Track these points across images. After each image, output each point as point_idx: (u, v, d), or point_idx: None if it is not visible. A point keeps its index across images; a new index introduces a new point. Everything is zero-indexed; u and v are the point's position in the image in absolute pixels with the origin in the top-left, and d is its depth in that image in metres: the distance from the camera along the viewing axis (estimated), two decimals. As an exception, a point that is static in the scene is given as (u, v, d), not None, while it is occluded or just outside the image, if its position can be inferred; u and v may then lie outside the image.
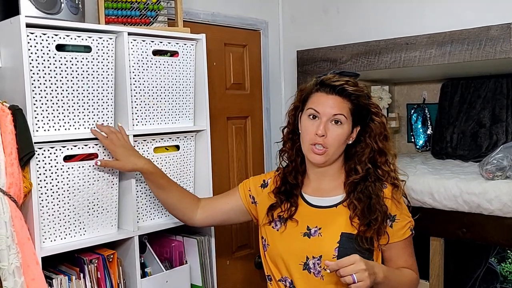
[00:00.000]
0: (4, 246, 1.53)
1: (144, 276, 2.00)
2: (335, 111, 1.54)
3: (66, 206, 1.79)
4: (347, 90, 1.55)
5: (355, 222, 1.53)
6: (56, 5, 1.76)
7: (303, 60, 2.99)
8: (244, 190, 1.78)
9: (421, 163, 2.72)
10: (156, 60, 2.03)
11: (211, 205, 1.82)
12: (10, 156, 1.57)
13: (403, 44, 2.57)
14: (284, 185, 1.66)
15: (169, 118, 2.10)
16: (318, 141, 1.54)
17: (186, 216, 1.83)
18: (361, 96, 1.57)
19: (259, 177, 1.80)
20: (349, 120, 1.56)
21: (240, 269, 3.02)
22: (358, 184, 1.57)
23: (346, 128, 1.56)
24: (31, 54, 1.66)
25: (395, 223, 1.56)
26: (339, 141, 1.55)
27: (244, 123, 3.10)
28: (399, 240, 1.57)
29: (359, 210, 1.53)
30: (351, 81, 1.58)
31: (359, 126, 1.60)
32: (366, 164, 1.57)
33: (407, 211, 1.61)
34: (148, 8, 2.11)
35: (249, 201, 1.75)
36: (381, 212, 1.52)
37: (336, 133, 1.54)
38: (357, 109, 1.57)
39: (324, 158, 1.56)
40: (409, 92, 3.30)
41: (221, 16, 2.88)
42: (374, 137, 1.59)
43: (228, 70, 2.97)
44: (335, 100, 1.55)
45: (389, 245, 1.56)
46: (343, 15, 3.03)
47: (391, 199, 1.55)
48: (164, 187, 1.81)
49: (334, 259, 1.49)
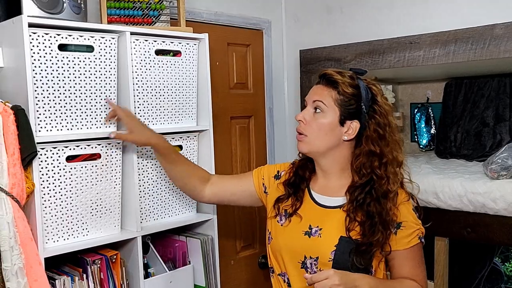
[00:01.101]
0: (7, 247, 1.52)
1: (147, 277, 2.00)
2: (316, 97, 1.51)
3: (69, 206, 1.78)
4: (332, 78, 1.50)
5: (355, 231, 1.47)
6: (58, 4, 1.75)
7: (306, 59, 2.98)
8: (258, 177, 1.74)
9: (425, 163, 2.71)
10: (158, 60, 2.02)
11: (221, 183, 1.79)
12: (13, 157, 1.56)
13: (407, 43, 2.56)
14: (295, 177, 1.64)
15: (171, 118, 2.09)
16: (298, 128, 1.53)
17: (195, 191, 1.78)
18: (344, 84, 1.48)
19: (273, 167, 1.75)
20: (331, 109, 1.49)
21: (244, 269, 3.01)
22: (360, 193, 1.48)
23: (329, 118, 1.49)
24: (33, 54, 1.66)
25: (400, 230, 1.49)
26: (319, 129, 1.50)
27: (247, 122, 3.09)
28: (403, 249, 1.49)
29: (357, 223, 1.46)
30: (345, 73, 1.52)
31: (357, 121, 1.51)
32: (365, 169, 1.49)
33: (415, 218, 1.52)
34: (151, 8, 2.10)
35: (261, 189, 1.72)
36: (384, 233, 1.44)
37: (316, 121, 1.50)
38: (345, 100, 1.49)
39: (305, 147, 1.53)
40: (413, 91, 3.29)
41: (224, 16, 2.87)
42: (370, 138, 1.50)
43: (231, 70, 2.96)
44: (320, 88, 1.53)
45: (392, 254, 1.49)
46: (347, 14, 3.01)
47: (397, 207, 1.48)
48: (176, 162, 1.78)
49: (330, 262, 1.45)
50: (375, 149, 1.49)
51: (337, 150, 1.54)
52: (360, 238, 1.45)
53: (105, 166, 1.87)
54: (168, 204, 2.11)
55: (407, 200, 1.52)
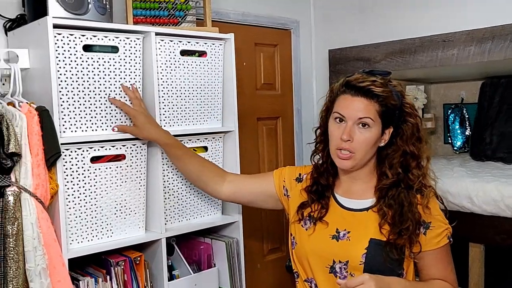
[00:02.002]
0: (31, 248, 1.53)
1: (171, 279, 1.98)
2: (361, 114, 1.45)
3: (93, 207, 1.78)
4: (373, 91, 1.46)
5: (385, 229, 1.45)
6: (83, 5, 1.75)
7: (335, 59, 2.92)
8: (279, 179, 1.71)
9: (458, 166, 2.62)
10: (184, 60, 2.00)
11: (240, 182, 1.77)
12: (37, 157, 1.57)
13: (439, 41, 2.48)
14: (316, 185, 1.61)
15: (197, 119, 2.07)
16: (343, 146, 1.46)
17: (210, 188, 1.78)
18: (388, 97, 1.47)
19: (295, 169, 1.72)
20: (377, 122, 1.47)
21: (271, 273, 2.98)
22: (389, 190, 1.48)
23: (374, 131, 1.47)
24: (58, 55, 1.66)
25: (430, 230, 1.47)
26: (366, 145, 1.47)
27: (274, 124, 3.05)
28: (433, 249, 1.47)
29: (389, 217, 1.45)
30: (378, 80, 1.48)
31: (391, 127, 1.51)
32: (397, 168, 1.49)
33: (443, 217, 1.51)
34: (177, 8, 2.09)
35: (282, 192, 1.69)
36: (413, 221, 1.43)
37: (363, 137, 1.46)
38: (387, 111, 1.48)
39: (351, 163, 1.48)
40: (446, 91, 3.20)
41: (251, 16, 2.85)
42: (406, 139, 1.50)
43: (258, 70, 2.94)
44: (361, 102, 1.46)
45: (422, 254, 1.47)
46: (377, 13, 2.95)
47: (425, 206, 1.47)
48: (182, 158, 1.79)
49: (361, 266, 1.43)
50: (413, 150, 1.49)
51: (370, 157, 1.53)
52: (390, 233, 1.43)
53: (129, 167, 1.86)
54: (193, 205, 2.09)
55: (435, 200, 1.51)
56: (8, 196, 1.52)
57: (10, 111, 1.58)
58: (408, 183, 1.48)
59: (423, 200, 1.47)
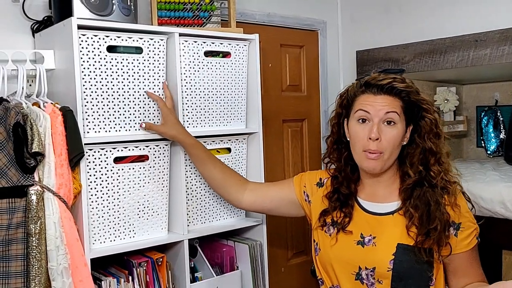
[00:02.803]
0: (53, 247, 1.54)
1: (194, 281, 1.97)
2: (388, 109, 1.41)
3: (116, 208, 1.78)
4: (397, 87, 1.42)
5: (412, 232, 1.40)
6: (108, 6, 1.76)
7: (363, 60, 2.87)
8: (299, 185, 1.67)
9: (492, 170, 2.54)
10: (208, 61, 1.99)
11: (261, 190, 1.75)
12: (60, 157, 1.58)
13: (471, 41, 2.41)
14: (337, 193, 1.56)
15: (220, 120, 2.05)
16: (371, 147, 1.41)
17: (232, 196, 1.76)
18: (411, 92, 1.44)
19: (315, 174, 1.68)
20: (402, 118, 1.43)
21: (296, 277, 2.93)
22: (413, 190, 1.44)
23: (400, 128, 1.43)
24: (82, 56, 1.67)
25: (460, 231, 1.42)
26: (393, 143, 1.42)
27: (300, 126, 3.01)
28: (465, 251, 1.42)
29: (416, 219, 1.40)
30: (398, 77, 1.45)
31: (411, 124, 1.47)
32: (418, 167, 1.44)
33: (471, 216, 1.46)
34: (201, 9, 2.08)
35: (303, 197, 1.66)
36: (441, 220, 1.38)
37: (390, 134, 1.41)
38: (409, 107, 1.44)
39: (380, 164, 1.43)
40: (478, 93, 3.11)
41: (277, 17, 2.82)
42: (424, 135, 1.45)
43: (284, 72, 2.91)
44: (385, 99, 1.43)
45: (452, 256, 1.42)
46: (406, 13, 2.89)
47: (454, 204, 1.42)
48: (205, 162, 1.78)
49: (389, 272, 1.38)
50: (431, 146, 1.44)
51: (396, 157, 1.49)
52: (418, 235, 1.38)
53: (152, 168, 1.86)
54: (216, 207, 2.08)
55: (463, 199, 1.46)
56: (31, 195, 1.53)
57: (34, 111, 1.60)
58: (430, 181, 1.43)
59: (450, 198, 1.42)
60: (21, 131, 1.52)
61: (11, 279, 1.51)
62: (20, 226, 1.52)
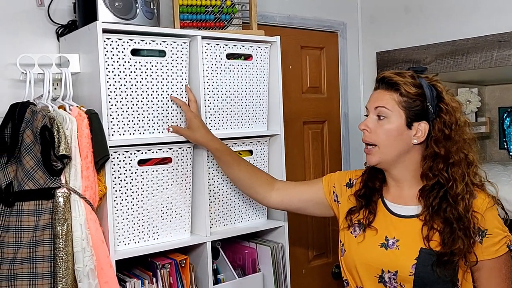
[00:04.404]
0: (79, 248, 1.56)
1: (216, 283, 1.97)
2: (378, 103, 1.43)
3: (140, 210, 1.80)
4: (390, 80, 1.43)
5: (434, 240, 1.37)
6: (132, 10, 1.78)
7: (383, 62, 2.85)
8: (328, 185, 1.67)
9: (516, 172, 2.49)
10: (229, 64, 2.00)
11: (289, 190, 1.75)
12: (86, 160, 1.60)
13: (495, 41, 2.37)
14: (365, 188, 1.56)
15: (242, 123, 2.06)
16: (363, 138, 1.47)
17: (260, 195, 1.77)
18: (405, 84, 1.41)
19: (345, 174, 1.68)
20: (396, 113, 1.41)
21: (317, 279, 2.92)
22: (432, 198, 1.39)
23: (394, 122, 1.41)
24: (107, 59, 1.69)
25: (487, 238, 1.37)
26: (387, 137, 1.42)
27: (320, 127, 3.00)
28: (490, 258, 1.38)
29: (437, 232, 1.37)
30: (403, 72, 1.44)
31: (425, 122, 1.42)
32: (433, 170, 1.40)
33: (501, 223, 1.41)
34: (223, 12, 2.09)
35: (332, 197, 1.65)
36: (464, 241, 1.34)
37: (382, 128, 1.42)
38: (409, 101, 1.41)
39: (376, 157, 1.44)
40: (501, 94, 3.06)
41: (297, 19, 2.82)
42: (434, 137, 1.41)
43: (304, 74, 2.90)
44: (380, 93, 1.45)
45: (479, 264, 1.38)
46: (427, 13, 2.86)
47: (481, 213, 1.38)
48: (232, 165, 1.78)
49: (411, 277, 1.36)
50: (439, 151, 1.40)
51: (408, 156, 1.45)
52: (441, 247, 1.35)
53: (176, 170, 1.87)
54: (238, 209, 2.08)
55: (492, 205, 1.41)
56: (58, 197, 1.55)
57: (61, 115, 1.62)
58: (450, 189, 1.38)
59: (480, 206, 1.38)
60: (48, 134, 1.54)
61: (38, 280, 1.52)
62: (47, 228, 1.54)
